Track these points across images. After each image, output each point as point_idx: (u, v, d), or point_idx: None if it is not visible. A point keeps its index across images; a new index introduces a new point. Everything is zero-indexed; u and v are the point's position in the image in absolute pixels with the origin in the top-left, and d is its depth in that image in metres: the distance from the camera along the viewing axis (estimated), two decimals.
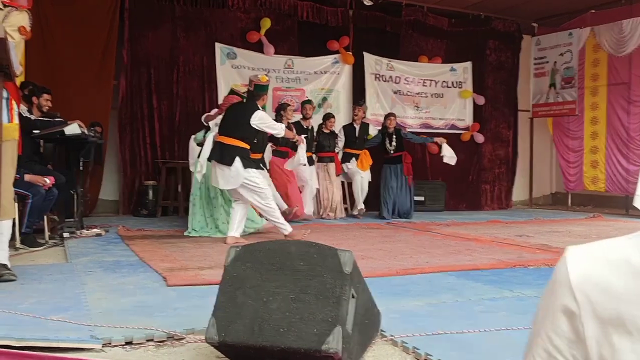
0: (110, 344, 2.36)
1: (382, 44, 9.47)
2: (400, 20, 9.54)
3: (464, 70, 10.11)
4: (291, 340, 1.98)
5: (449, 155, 8.39)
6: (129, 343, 2.39)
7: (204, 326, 2.17)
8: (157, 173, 8.00)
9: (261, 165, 6.37)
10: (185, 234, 5.91)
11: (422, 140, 8.78)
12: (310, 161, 7.75)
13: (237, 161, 5.24)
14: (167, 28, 8.16)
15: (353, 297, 2.12)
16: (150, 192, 7.83)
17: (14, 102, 3.48)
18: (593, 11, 9.59)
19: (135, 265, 4.21)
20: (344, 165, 8.25)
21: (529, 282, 3.75)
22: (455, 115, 10.06)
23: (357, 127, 8.30)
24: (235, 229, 5.40)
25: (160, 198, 7.85)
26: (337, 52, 9.13)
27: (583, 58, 9.85)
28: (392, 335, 2.50)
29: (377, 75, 9.44)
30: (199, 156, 5.84)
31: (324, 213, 7.93)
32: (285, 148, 7.43)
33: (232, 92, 6.57)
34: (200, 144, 6.03)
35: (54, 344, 2.25)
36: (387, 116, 8.37)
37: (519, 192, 10.83)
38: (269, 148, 7.05)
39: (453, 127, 10.03)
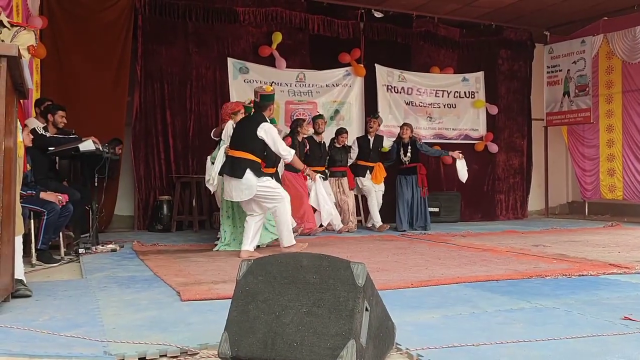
0: (123, 359, 2.35)
1: (393, 56, 9.48)
2: (411, 32, 9.55)
3: (476, 80, 10.08)
4: (304, 354, 1.96)
5: (461, 173, 8.22)
6: (142, 359, 2.38)
7: (218, 341, 2.15)
8: (172, 188, 8.03)
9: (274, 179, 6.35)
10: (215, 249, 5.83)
11: (439, 153, 8.63)
12: (325, 176, 7.76)
13: (248, 172, 5.20)
14: (179, 44, 8.24)
15: (367, 310, 2.09)
16: (165, 207, 7.87)
17: (17, 120, 3.52)
18: (606, 18, 9.54)
19: (150, 280, 4.21)
20: (358, 180, 8.21)
21: (547, 293, 3.69)
22: (468, 125, 10.02)
23: (371, 139, 8.24)
24: (249, 243, 5.38)
25: (175, 213, 7.87)
26: (348, 64, 9.15)
27: (596, 65, 9.79)
28: (407, 349, 2.46)
29: (389, 87, 9.44)
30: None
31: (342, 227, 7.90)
32: None
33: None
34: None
35: None
36: (402, 126, 8.33)
37: (534, 201, 10.74)
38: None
39: (466, 137, 9.98)
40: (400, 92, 9.53)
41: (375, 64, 9.30)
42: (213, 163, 5.90)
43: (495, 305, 3.34)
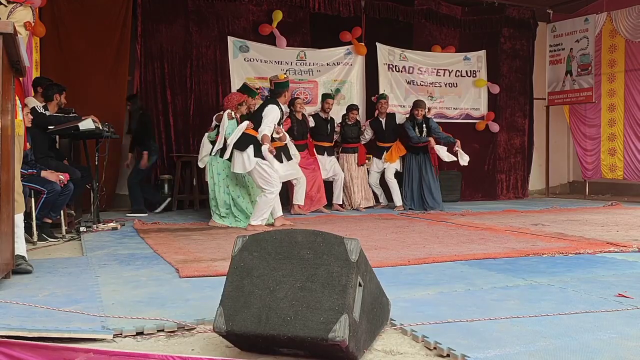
0: (121, 334, 2.39)
1: (394, 34, 9.41)
2: (413, 10, 9.46)
3: (477, 59, 10.00)
4: (298, 328, 1.99)
5: (464, 159, 7.92)
6: (139, 333, 2.42)
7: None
8: (172, 167, 8.05)
9: (283, 154, 6.43)
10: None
11: (446, 139, 8.09)
12: (330, 152, 8.01)
13: (250, 149, 5.60)
14: (179, 22, 8.19)
15: (360, 285, 2.12)
16: (166, 186, 7.89)
17: (17, 98, 3.52)
18: None
19: (150, 257, 4.25)
20: (374, 161, 8.28)
21: (542, 271, 3.72)
22: (469, 104, 9.97)
23: (383, 120, 8.20)
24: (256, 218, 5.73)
25: (175, 192, 7.90)
26: (349, 43, 9.08)
27: (599, 44, 9.70)
28: (401, 324, 2.49)
29: (390, 66, 9.38)
30: (211, 153, 6.15)
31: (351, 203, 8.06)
32: (302, 141, 7.50)
33: (244, 86, 6.66)
34: (213, 142, 6.17)
35: (66, 335, 2.28)
36: (415, 105, 8.06)
37: (535, 181, 10.72)
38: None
39: (468, 116, 9.94)
40: (401, 71, 9.48)
41: (377, 43, 9.23)
42: (211, 142, 6.06)
43: (491, 283, 3.37)
